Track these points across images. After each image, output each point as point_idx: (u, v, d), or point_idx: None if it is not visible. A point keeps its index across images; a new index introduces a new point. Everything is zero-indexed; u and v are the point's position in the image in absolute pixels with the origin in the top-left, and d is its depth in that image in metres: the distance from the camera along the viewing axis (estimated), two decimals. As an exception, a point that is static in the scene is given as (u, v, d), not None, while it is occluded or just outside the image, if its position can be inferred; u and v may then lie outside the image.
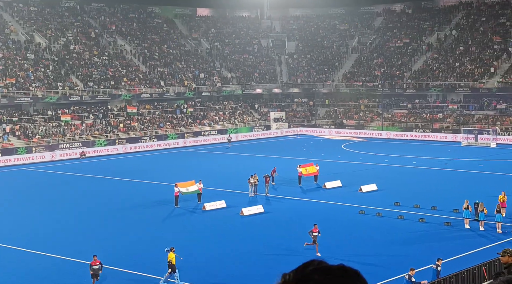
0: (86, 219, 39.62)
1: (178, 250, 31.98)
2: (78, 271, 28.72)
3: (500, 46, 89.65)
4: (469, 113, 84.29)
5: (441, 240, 33.17)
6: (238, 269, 28.75)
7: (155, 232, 36.09)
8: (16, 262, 30.39)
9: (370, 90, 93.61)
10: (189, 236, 35.10)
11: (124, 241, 33.98)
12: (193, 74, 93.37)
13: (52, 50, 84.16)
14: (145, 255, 31.12)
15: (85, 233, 35.99)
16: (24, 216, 40.52)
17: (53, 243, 33.53)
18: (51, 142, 70.41)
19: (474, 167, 57.05)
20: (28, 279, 28.00)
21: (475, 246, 31.61)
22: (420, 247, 31.83)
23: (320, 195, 45.83)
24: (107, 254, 31.16)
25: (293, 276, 1.62)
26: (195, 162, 64.54)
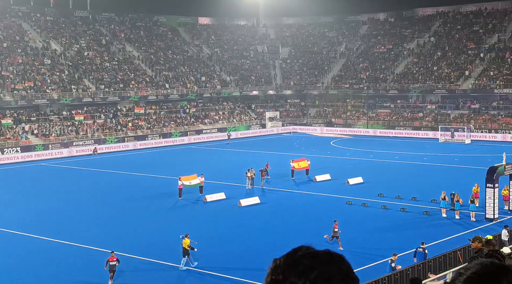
0: (98, 209, 39.65)
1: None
2: (91, 257, 28.81)
3: (474, 52, 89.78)
4: (446, 113, 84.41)
5: (420, 228, 33.29)
6: (236, 253, 28.82)
7: (161, 221, 36.16)
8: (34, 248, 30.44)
9: (356, 91, 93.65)
10: (191, 224, 35.16)
11: (132, 229, 34.02)
12: (195, 78, 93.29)
13: (66, 56, 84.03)
14: (152, 242, 31.17)
15: (97, 221, 36.01)
16: (42, 206, 40.54)
17: (69, 231, 33.56)
18: (66, 140, 70.36)
19: (451, 161, 57.19)
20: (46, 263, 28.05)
21: (451, 233, 31.74)
22: (401, 234, 31.96)
23: (311, 187, 45.89)
24: (117, 241, 31.27)
25: (284, 261, 1.65)
26: (197, 157, 64.57)
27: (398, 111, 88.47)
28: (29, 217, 37.70)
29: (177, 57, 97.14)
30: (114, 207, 40.21)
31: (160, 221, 36.05)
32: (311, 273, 1.60)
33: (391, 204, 38.63)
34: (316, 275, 1.60)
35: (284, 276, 1.62)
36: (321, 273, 1.60)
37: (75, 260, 28.40)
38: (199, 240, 31.34)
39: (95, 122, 76.46)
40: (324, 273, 1.60)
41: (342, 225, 33.87)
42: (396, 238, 31.05)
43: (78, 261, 28.32)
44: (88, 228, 34.58)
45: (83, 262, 28.07)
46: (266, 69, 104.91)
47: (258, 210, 38.74)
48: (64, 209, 39.76)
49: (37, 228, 34.55)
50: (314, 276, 1.59)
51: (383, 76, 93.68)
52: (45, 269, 27.19)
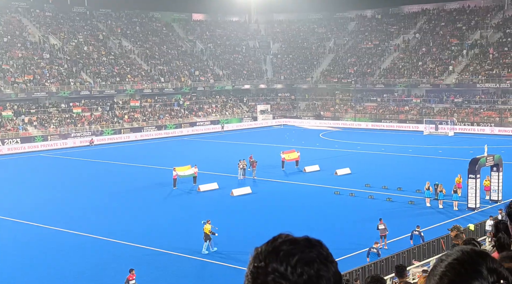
0: (96, 198, 39.58)
1: (177, 225, 32.17)
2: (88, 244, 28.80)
3: (457, 48, 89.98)
4: (430, 106, 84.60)
5: (406, 217, 33.42)
6: (229, 239, 28.86)
7: (156, 210, 36.15)
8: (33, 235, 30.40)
9: (344, 86, 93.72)
10: (186, 213, 35.21)
11: (129, 217, 34.01)
12: (189, 72, 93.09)
13: (65, 51, 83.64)
14: (148, 230, 31.17)
15: (94, 211, 35.95)
16: (41, 196, 40.45)
17: (66, 219, 33.52)
18: (64, 131, 70.13)
19: (435, 153, 57.38)
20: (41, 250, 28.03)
21: (435, 222, 31.88)
22: (387, 222, 31.99)
23: (301, 177, 45.95)
24: (114, 229, 31.26)
25: (264, 249, 1.67)
26: (191, 148, 64.52)
27: (385, 105, 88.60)
28: (28, 205, 37.59)
29: (172, 52, 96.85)
30: (112, 196, 40.14)
31: (155, 210, 36.03)
32: (292, 259, 1.63)
33: (377, 194, 38.74)
34: (296, 260, 1.63)
35: (265, 263, 1.64)
36: (302, 257, 1.63)
37: (71, 247, 28.35)
38: (193, 228, 31.40)
39: (92, 114, 76.23)
40: (304, 257, 1.63)
41: (330, 213, 33.94)
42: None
43: (74, 247, 28.27)
44: (85, 216, 34.52)
45: (80, 249, 28.03)
46: (258, 64, 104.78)
47: (250, 199, 38.78)
48: (63, 198, 39.67)
49: (36, 216, 34.48)
50: (295, 261, 1.62)
51: (370, 71, 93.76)
52: (42, 255, 27.15)
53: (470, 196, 34.51)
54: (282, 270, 1.62)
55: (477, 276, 1.62)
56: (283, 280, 1.61)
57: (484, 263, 1.64)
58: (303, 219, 32.53)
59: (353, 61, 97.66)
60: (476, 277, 1.62)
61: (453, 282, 1.64)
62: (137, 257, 26.80)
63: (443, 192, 35.32)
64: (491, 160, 35.53)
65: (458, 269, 1.64)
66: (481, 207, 34.61)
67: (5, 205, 37.65)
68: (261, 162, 49.04)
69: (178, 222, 33.20)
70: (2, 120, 68.07)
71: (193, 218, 33.91)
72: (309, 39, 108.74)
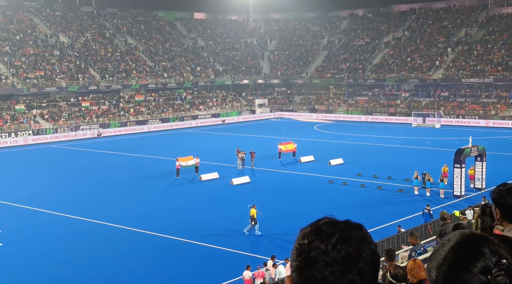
0: (103, 187, 39.55)
1: (179, 212, 32.18)
2: (96, 230, 28.79)
3: (443, 45, 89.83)
4: (418, 100, 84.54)
5: (395, 204, 33.46)
6: (229, 227, 28.88)
7: (160, 198, 36.14)
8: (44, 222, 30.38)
9: (337, 81, 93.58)
10: (188, 201, 35.20)
11: (135, 205, 33.99)
12: (191, 68, 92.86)
13: (74, 48, 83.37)
14: (153, 217, 31.17)
15: (103, 198, 35.94)
16: (52, 185, 40.41)
17: (76, 207, 33.50)
18: (73, 124, 70.01)
19: (422, 144, 57.38)
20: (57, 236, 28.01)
21: (422, 209, 31.87)
22: (378, 209, 32.09)
23: (296, 167, 45.92)
24: (121, 216, 31.26)
25: (309, 229, 1.77)
26: (193, 140, 64.45)
27: (375, 99, 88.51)
28: (40, 193, 37.55)
29: (175, 49, 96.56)
30: (119, 185, 40.11)
31: (159, 198, 36.01)
32: (332, 238, 1.72)
33: (368, 183, 38.74)
34: (336, 239, 1.72)
35: (309, 241, 1.74)
36: (341, 237, 1.72)
37: (81, 233, 28.35)
38: (195, 215, 31.41)
39: (100, 108, 76.08)
40: (343, 237, 1.73)
41: (324, 201, 33.96)
42: (373, 213, 31.16)
43: (83, 233, 28.27)
44: (94, 204, 34.50)
45: (88, 235, 28.03)
46: (256, 60, 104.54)
47: (249, 188, 38.76)
48: (73, 187, 39.63)
49: (47, 204, 34.44)
50: (335, 240, 1.72)
51: (362, 66, 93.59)
52: (52, 241, 27.13)
53: (456, 185, 34.52)
54: (323, 248, 1.71)
55: (480, 257, 1.64)
56: (324, 256, 1.70)
57: (486, 244, 1.66)
58: (299, 206, 32.53)
59: (346, 58, 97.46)
60: (479, 258, 1.64)
61: (458, 264, 1.65)
62: (141, 242, 26.79)
63: (430, 180, 35.33)
64: (475, 151, 35.53)
65: (461, 251, 1.66)
66: (466, 195, 34.64)
67: (18, 193, 37.59)
68: (259, 152, 49.05)
69: (181, 209, 33.17)
70: (15, 114, 67.93)
71: (195, 205, 33.94)
72: (304, 37, 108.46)
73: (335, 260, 1.69)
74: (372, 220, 28.64)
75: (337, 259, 1.68)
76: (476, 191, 35.67)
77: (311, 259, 1.71)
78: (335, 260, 1.69)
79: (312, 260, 1.71)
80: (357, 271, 1.68)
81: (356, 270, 1.68)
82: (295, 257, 1.75)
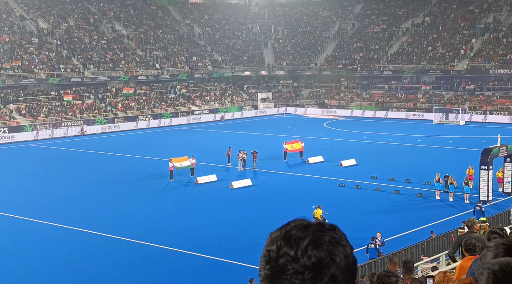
0: (88, 191, 39.60)
1: (173, 219, 32.24)
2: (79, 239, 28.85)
3: (469, 32, 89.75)
4: (440, 94, 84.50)
5: (414, 210, 33.47)
6: (228, 234, 28.92)
7: (152, 203, 36.19)
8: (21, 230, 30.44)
9: (350, 72, 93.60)
10: (183, 206, 35.25)
11: (124, 212, 34.04)
12: (186, 58, 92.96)
13: (54, 35, 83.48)
14: (144, 225, 31.21)
15: (88, 203, 35.98)
16: (30, 188, 40.47)
17: (58, 213, 33.54)
18: (54, 120, 70.12)
19: (445, 143, 57.37)
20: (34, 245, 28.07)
21: (445, 215, 31.93)
22: (395, 216, 32.12)
23: (304, 169, 45.96)
24: (108, 223, 31.31)
25: (278, 233, 1.77)
26: (188, 139, 64.51)
27: (392, 93, 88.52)
28: (16, 198, 37.62)
29: (168, 37, 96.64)
30: (105, 189, 40.17)
31: (151, 204, 36.06)
32: (302, 242, 1.72)
33: (384, 186, 38.77)
34: (307, 244, 1.72)
35: (277, 247, 1.75)
36: (312, 241, 1.73)
37: (62, 242, 28.40)
38: (190, 222, 31.45)
39: (84, 102, 76.19)
40: (315, 241, 1.73)
41: (335, 207, 34.00)
42: (389, 220, 31.19)
43: (64, 242, 28.32)
44: (77, 209, 34.55)
45: (70, 244, 28.08)
46: (258, 49, 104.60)
47: (250, 192, 38.81)
48: (53, 190, 39.69)
49: (25, 209, 34.49)
50: (305, 244, 1.72)
51: (377, 56, 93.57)
52: (29, 251, 27.18)
53: (482, 188, 34.51)
54: (293, 254, 1.72)
55: None
56: (294, 263, 1.71)
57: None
58: (307, 212, 32.52)
59: (359, 47, 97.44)
60: None
61: None
62: (130, 253, 26.84)
63: (453, 184, 35.31)
64: (504, 150, 35.51)
65: None
66: (494, 200, 34.64)
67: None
68: (262, 152, 49.04)
69: (175, 215, 33.23)
70: (-11, 109, 68.08)
71: (190, 211, 33.98)
72: (312, 23, 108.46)
73: (306, 267, 1.69)
74: (388, 228, 28.66)
75: (307, 266, 1.69)
76: (505, 196, 35.68)
77: (280, 266, 1.72)
78: (305, 266, 1.69)
79: (281, 268, 1.72)
80: (329, 277, 1.70)
81: (329, 277, 1.70)
82: (263, 265, 1.77)
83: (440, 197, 35.56)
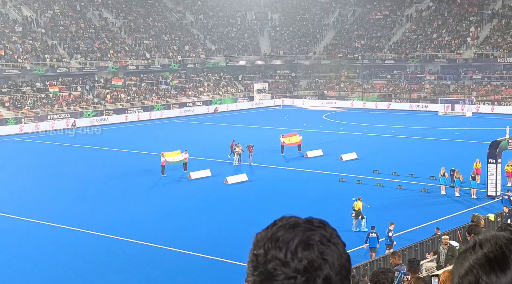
0: (76, 187, 39.58)
1: (165, 216, 32.26)
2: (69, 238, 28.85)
3: (476, 18, 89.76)
4: (446, 84, 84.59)
5: (418, 206, 33.52)
6: (223, 232, 28.94)
7: (143, 200, 36.19)
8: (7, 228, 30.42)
9: (350, 61, 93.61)
10: (176, 203, 35.27)
11: (114, 209, 34.04)
12: (177, 47, 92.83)
13: (39, 23, 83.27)
14: (134, 222, 31.22)
15: (76, 200, 35.95)
16: (16, 184, 40.43)
17: (43, 210, 33.51)
18: (40, 113, 70.00)
19: (451, 136, 57.43)
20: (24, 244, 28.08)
21: (451, 211, 31.98)
22: (398, 212, 32.16)
23: (302, 163, 45.98)
24: (97, 221, 31.30)
25: (264, 235, 1.73)
26: (180, 132, 64.49)
27: (395, 83, 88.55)
28: (5, 195, 37.58)
29: (158, 25, 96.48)
30: (93, 185, 40.15)
31: (142, 200, 36.07)
32: (291, 244, 1.67)
33: (387, 181, 38.79)
34: (296, 245, 1.66)
35: (264, 250, 1.69)
36: (301, 241, 1.67)
37: (52, 241, 28.39)
38: (183, 220, 31.46)
39: (71, 94, 76.06)
40: (304, 241, 1.67)
41: (334, 203, 34.03)
42: (392, 216, 31.18)
43: (56, 242, 28.31)
44: (64, 206, 34.52)
45: (62, 243, 28.07)
46: (254, 37, 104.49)
47: (246, 187, 38.84)
48: (40, 187, 39.67)
49: (9, 207, 34.45)
50: (295, 246, 1.66)
51: (379, 44, 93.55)
52: (16, 251, 27.17)
53: (490, 183, 34.57)
54: (282, 257, 1.66)
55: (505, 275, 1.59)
56: (284, 267, 1.65)
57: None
58: (305, 209, 32.55)
59: (360, 34, 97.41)
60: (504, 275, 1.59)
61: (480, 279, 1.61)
62: (120, 252, 26.85)
63: (460, 178, 35.34)
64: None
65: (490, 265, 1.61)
66: (502, 195, 34.67)
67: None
68: (258, 146, 49.04)
69: (167, 212, 33.24)
70: (-30, 101, 67.94)
71: (183, 208, 34.00)
72: (311, 10, 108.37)
73: (297, 271, 1.64)
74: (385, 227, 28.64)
75: (299, 270, 1.65)
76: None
77: (270, 272, 1.66)
78: (297, 270, 1.64)
79: (270, 274, 1.66)
80: (323, 279, 1.66)
81: (323, 279, 1.66)
82: (251, 271, 1.70)
83: (445, 192, 35.61)
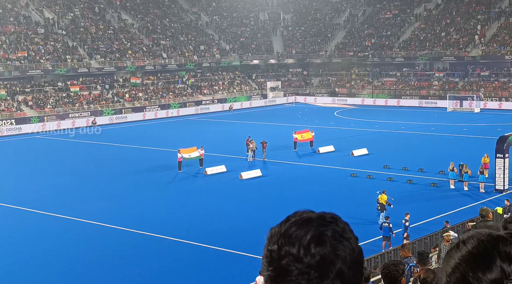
0: (98, 183, 39.77)
1: (182, 210, 32.35)
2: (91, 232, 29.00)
3: (483, 16, 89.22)
4: (454, 81, 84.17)
5: (428, 200, 33.42)
6: (238, 226, 28.99)
7: (161, 195, 36.31)
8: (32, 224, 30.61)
9: (361, 60, 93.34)
10: (192, 198, 35.35)
11: (130, 203, 34.16)
12: (193, 47, 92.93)
13: (60, 25, 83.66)
14: (152, 216, 31.33)
15: (98, 196, 36.11)
16: (40, 181, 40.66)
17: (66, 206, 33.69)
18: (61, 112, 70.35)
19: (459, 131, 57.18)
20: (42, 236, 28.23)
21: (459, 205, 31.87)
22: (408, 206, 32.00)
23: (314, 159, 45.96)
24: (119, 215, 31.45)
25: (277, 230, 1.71)
26: (196, 129, 64.59)
27: (405, 80, 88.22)
28: (24, 191, 37.79)
29: (175, 26, 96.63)
30: (113, 181, 40.31)
31: (160, 195, 36.18)
32: (304, 239, 1.65)
33: (397, 176, 38.71)
34: (309, 241, 1.65)
35: (278, 246, 1.68)
36: (314, 237, 1.66)
37: (75, 235, 28.55)
38: (200, 214, 31.54)
39: (91, 93, 76.38)
40: (317, 236, 1.66)
41: (346, 197, 33.98)
42: (402, 210, 31.07)
43: (78, 235, 28.47)
44: (85, 201, 34.67)
45: (84, 237, 28.22)
46: (267, 37, 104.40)
47: (260, 182, 38.86)
48: (64, 183, 39.84)
49: (34, 202, 34.66)
50: (307, 241, 1.65)
51: (389, 43, 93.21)
52: (42, 244, 27.35)
53: (498, 177, 34.40)
54: (295, 253, 1.65)
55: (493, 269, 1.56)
56: (297, 263, 1.64)
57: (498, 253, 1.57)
58: (317, 203, 32.55)
59: (370, 33, 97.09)
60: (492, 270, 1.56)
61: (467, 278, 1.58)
62: (138, 245, 26.95)
63: (468, 173, 35.21)
64: (520, 138, 35.35)
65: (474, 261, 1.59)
66: (510, 189, 34.51)
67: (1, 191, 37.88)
68: (272, 142, 49.03)
69: (184, 207, 33.33)
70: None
71: (199, 202, 34.07)
72: (322, 10, 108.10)
73: (311, 267, 1.64)
74: (401, 219, 28.56)
75: (312, 265, 1.64)
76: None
77: (284, 268, 1.66)
78: (310, 266, 1.64)
79: (284, 269, 1.65)
80: (336, 274, 1.65)
81: (335, 274, 1.65)
82: (266, 266, 1.70)
83: (454, 187, 35.47)
